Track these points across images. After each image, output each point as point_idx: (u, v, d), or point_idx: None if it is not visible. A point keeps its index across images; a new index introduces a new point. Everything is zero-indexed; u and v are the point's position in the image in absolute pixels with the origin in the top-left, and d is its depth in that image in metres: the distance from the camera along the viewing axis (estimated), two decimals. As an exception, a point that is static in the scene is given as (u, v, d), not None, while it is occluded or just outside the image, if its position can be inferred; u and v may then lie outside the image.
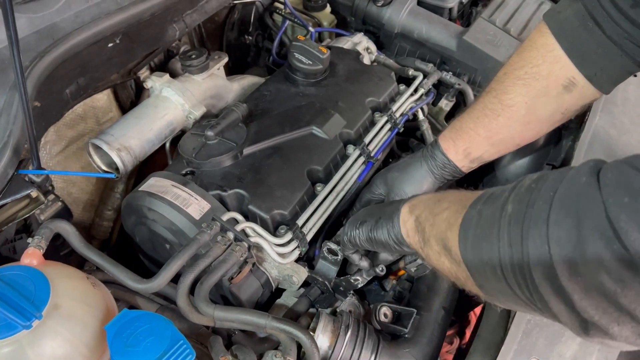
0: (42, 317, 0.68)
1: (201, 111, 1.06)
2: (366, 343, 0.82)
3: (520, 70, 0.88)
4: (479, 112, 0.92)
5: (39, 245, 0.77)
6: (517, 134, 0.93)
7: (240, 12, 1.48)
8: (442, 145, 0.96)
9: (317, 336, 0.82)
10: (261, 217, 0.91)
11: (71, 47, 0.95)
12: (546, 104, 0.88)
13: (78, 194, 1.27)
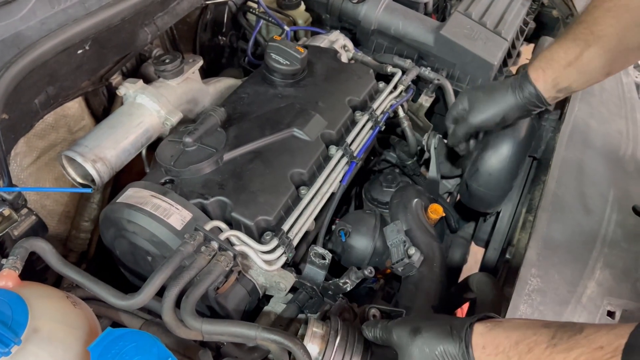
0: (21, 342, 0.65)
1: (178, 117, 1.03)
2: (356, 348, 0.80)
3: (610, 2, 0.89)
4: (570, 42, 0.93)
5: (14, 266, 0.73)
6: (608, 63, 0.93)
7: (213, 12, 1.45)
8: (532, 75, 0.97)
9: (306, 343, 0.80)
10: (245, 224, 0.89)
11: (38, 56, 0.91)
12: (637, 33, 0.89)
13: (52, 206, 1.23)
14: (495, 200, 1.21)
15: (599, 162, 1.10)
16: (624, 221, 1.02)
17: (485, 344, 0.66)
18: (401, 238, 0.96)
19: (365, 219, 1.02)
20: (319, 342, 0.80)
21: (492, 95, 1.03)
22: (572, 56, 0.93)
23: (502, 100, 1.02)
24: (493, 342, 0.65)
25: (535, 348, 0.62)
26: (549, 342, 0.61)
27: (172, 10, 1.26)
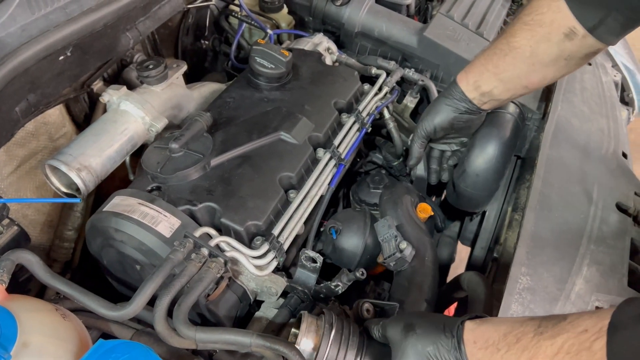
0: (11, 357, 0.64)
1: (163, 123, 1.02)
2: (351, 341, 0.79)
3: (527, 17, 0.95)
4: (490, 50, 1.02)
5: (0, 280, 0.72)
6: (523, 74, 1.00)
7: (195, 16, 1.43)
8: (458, 77, 1.07)
9: (300, 338, 0.79)
10: (235, 229, 0.88)
11: (19, 64, 0.89)
12: (548, 49, 0.94)
13: (34, 216, 1.21)
14: (483, 200, 1.22)
15: (583, 160, 1.12)
16: (609, 218, 1.03)
17: (475, 339, 0.67)
18: (392, 233, 0.96)
19: (356, 217, 1.02)
20: (313, 337, 0.79)
21: (437, 101, 1.11)
22: (490, 64, 1.01)
23: (438, 104, 1.11)
24: (483, 336, 0.67)
25: (522, 338, 0.63)
26: (536, 331, 0.62)
27: (154, 14, 1.25)
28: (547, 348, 0.60)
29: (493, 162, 1.15)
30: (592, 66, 1.35)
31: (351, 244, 1.00)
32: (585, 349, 0.57)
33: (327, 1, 1.36)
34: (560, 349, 0.59)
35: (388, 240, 0.96)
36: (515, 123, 1.17)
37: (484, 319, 0.70)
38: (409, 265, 0.95)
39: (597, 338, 0.56)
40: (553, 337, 0.61)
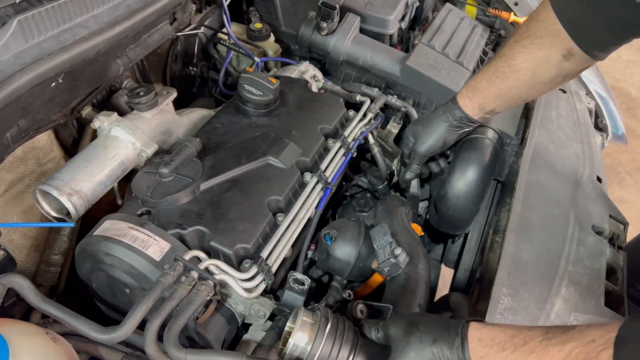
0: (1, 381, 0.64)
1: (153, 148, 1.04)
2: (346, 337, 0.79)
3: (526, 40, 1.01)
4: (491, 73, 1.08)
5: (-9, 303, 0.72)
6: (524, 92, 1.08)
7: (183, 43, 1.47)
8: (460, 102, 1.13)
9: (295, 332, 0.79)
10: (224, 252, 0.90)
11: (12, 91, 0.91)
12: (548, 69, 1.01)
13: (20, 240, 1.21)
14: (464, 222, 1.26)
15: (560, 183, 1.16)
16: (585, 239, 1.07)
17: (481, 337, 0.69)
18: (387, 239, 0.98)
19: (351, 226, 1.04)
20: (308, 331, 0.79)
21: (430, 124, 1.19)
22: (493, 87, 1.08)
23: (438, 126, 1.17)
24: (489, 335, 0.69)
25: (530, 341, 0.66)
26: (544, 337, 0.65)
27: (144, 42, 1.28)
28: (555, 354, 0.63)
29: (473, 185, 1.19)
30: (567, 94, 1.41)
31: (345, 251, 1.02)
32: (592, 358, 0.60)
33: (313, 30, 1.41)
34: (567, 356, 0.62)
35: (383, 246, 0.98)
36: (494, 148, 1.22)
37: (487, 322, 0.73)
38: (402, 272, 0.97)
39: (604, 349, 0.60)
40: (561, 343, 0.63)
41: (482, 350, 0.69)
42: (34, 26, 0.99)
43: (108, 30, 1.06)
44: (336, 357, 0.77)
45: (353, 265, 1.00)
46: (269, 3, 1.51)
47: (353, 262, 1.00)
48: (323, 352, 0.77)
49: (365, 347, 0.80)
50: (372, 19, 1.45)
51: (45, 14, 1.00)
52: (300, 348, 0.78)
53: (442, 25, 1.50)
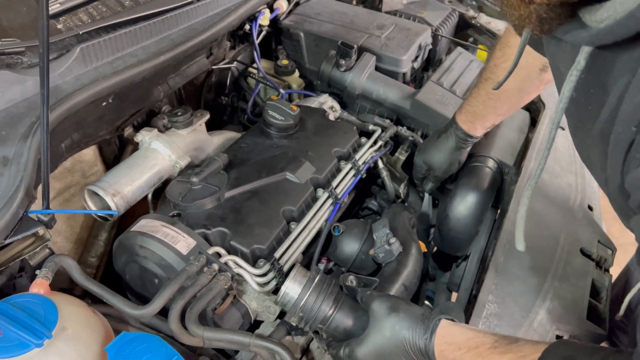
0: (52, 337, 0.77)
1: (186, 161, 1.19)
2: (331, 292, 0.92)
3: (506, 63, 1.14)
4: (483, 97, 1.22)
5: (46, 277, 0.86)
6: (515, 104, 1.25)
7: (217, 76, 1.64)
8: (464, 127, 1.27)
9: (288, 283, 0.92)
10: (242, 251, 1.02)
11: (72, 106, 1.07)
12: (531, 83, 1.17)
13: (63, 243, 1.35)
14: (464, 243, 1.36)
15: (552, 209, 1.26)
16: (573, 260, 1.16)
17: (445, 334, 0.81)
18: (385, 231, 1.11)
19: (358, 224, 1.18)
20: (299, 283, 0.92)
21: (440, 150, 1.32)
22: (489, 108, 1.23)
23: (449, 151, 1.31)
24: (452, 334, 0.81)
25: (481, 346, 0.77)
26: (492, 344, 0.77)
27: (183, 72, 1.45)
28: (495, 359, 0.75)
29: (472, 208, 1.30)
30: (566, 130, 1.52)
31: (349, 244, 1.15)
32: None
33: (333, 67, 1.56)
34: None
35: (381, 236, 1.11)
36: (492, 175, 1.33)
37: (456, 323, 0.85)
38: (395, 259, 1.10)
39: None
40: (502, 353, 0.75)
41: (443, 346, 0.81)
42: (93, 53, 1.16)
43: (153, 59, 1.22)
44: (319, 307, 0.90)
45: (355, 257, 1.13)
46: (295, 43, 1.68)
47: (355, 255, 1.13)
48: (308, 301, 0.90)
49: (348, 306, 0.92)
50: (387, 58, 1.60)
51: (103, 43, 1.18)
52: (289, 296, 0.91)
53: (451, 66, 1.64)
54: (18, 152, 0.95)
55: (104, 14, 1.28)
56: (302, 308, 0.90)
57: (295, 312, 0.91)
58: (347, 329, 0.91)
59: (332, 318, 0.91)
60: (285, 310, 0.94)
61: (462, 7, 2.03)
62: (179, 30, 1.34)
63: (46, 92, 0.77)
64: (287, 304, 0.92)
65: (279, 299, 0.92)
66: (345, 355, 0.88)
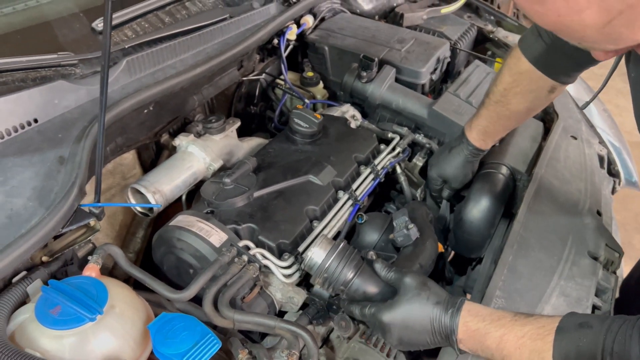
0: (103, 313, 0.88)
1: (219, 164, 1.30)
2: (352, 260, 1.02)
3: (517, 88, 1.25)
4: (495, 118, 1.32)
5: (96, 262, 0.98)
6: (522, 120, 1.39)
7: (247, 87, 1.75)
8: (476, 144, 1.37)
9: (314, 249, 1.03)
10: (269, 245, 1.12)
11: (118, 113, 1.19)
12: (539, 103, 1.30)
13: (103, 240, 1.47)
14: (477, 245, 1.43)
15: (561, 213, 1.33)
16: (580, 261, 1.23)
17: (470, 309, 0.91)
18: (405, 218, 1.21)
19: (380, 215, 1.30)
20: (324, 250, 1.03)
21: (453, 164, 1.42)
22: (499, 127, 1.34)
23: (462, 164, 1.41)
24: (476, 310, 0.92)
25: (502, 319, 0.88)
26: (512, 318, 0.88)
27: (216, 83, 1.57)
28: (517, 330, 0.86)
29: (485, 212, 1.38)
30: (578, 140, 1.59)
31: (371, 232, 1.27)
32: (541, 338, 0.83)
33: (355, 79, 1.66)
34: (525, 334, 0.85)
35: (400, 222, 1.21)
36: (505, 181, 1.41)
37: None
38: (412, 243, 1.20)
39: (549, 333, 0.83)
40: (523, 325, 0.86)
41: (468, 318, 0.90)
42: (137, 65, 1.29)
43: (190, 71, 1.34)
44: (340, 271, 1.01)
45: (376, 244, 1.23)
46: (320, 56, 1.79)
47: (376, 242, 1.23)
48: (331, 265, 1.01)
49: (367, 273, 1.03)
50: (406, 70, 1.69)
51: (146, 56, 1.30)
52: (314, 260, 1.03)
53: (468, 78, 1.72)
54: (73, 153, 1.07)
55: (146, 29, 1.41)
56: (326, 270, 1.02)
57: (320, 274, 1.02)
58: (366, 293, 1.02)
59: (352, 282, 1.02)
60: (311, 273, 1.05)
61: (481, 22, 2.11)
62: (214, 44, 1.46)
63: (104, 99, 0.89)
64: (312, 267, 1.03)
65: (306, 262, 1.03)
66: (370, 314, 0.97)
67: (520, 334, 0.85)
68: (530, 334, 0.84)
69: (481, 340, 0.88)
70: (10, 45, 1.22)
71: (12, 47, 1.22)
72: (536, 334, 0.84)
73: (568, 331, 0.82)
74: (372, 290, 1.02)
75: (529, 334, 0.84)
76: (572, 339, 0.81)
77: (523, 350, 0.84)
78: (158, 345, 0.89)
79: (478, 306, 0.93)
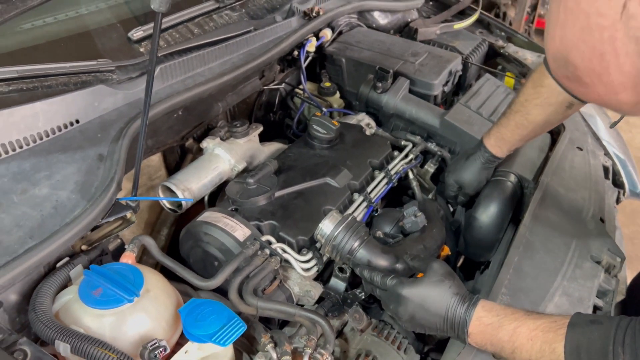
0: (140, 295, 0.96)
1: (242, 166, 1.39)
2: (357, 232, 1.12)
3: (537, 100, 1.32)
4: (513, 126, 1.39)
5: (132, 250, 1.06)
6: (539, 132, 1.43)
7: (267, 95, 1.84)
8: (492, 151, 1.45)
9: (324, 221, 1.14)
10: (289, 240, 1.20)
11: (152, 116, 1.27)
12: (557, 117, 1.35)
13: (130, 236, 1.56)
14: (486, 248, 1.50)
15: (565, 219, 1.39)
16: (582, 264, 1.29)
17: (484, 306, 0.99)
18: (414, 208, 1.29)
19: (394, 210, 1.38)
20: (333, 222, 1.14)
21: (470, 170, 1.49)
22: (517, 136, 1.40)
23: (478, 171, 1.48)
24: (490, 306, 0.99)
25: (516, 313, 0.96)
26: (526, 313, 0.96)
27: (239, 91, 1.66)
28: (530, 323, 0.93)
29: (494, 217, 1.45)
30: (583, 151, 1.66)
31: (384, 223, 1.34)
32: (553, 330, 0.90)
33: (370, 89, 1.75)
34: (538, 327, 0.92)
35: (409, 212, 1.29)
36: (513, 188, 1.48)
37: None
38: (419, 231, 1.28)
39: (561, 327, 0.90)
40: (535, 319, 0.94)
41: (482, 312, 0.98)
42: (169, 73, 1.39)
43: (217, 79, 1.44)
44: (347, 241, 1.12)
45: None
46: (338, 67, 1.88)
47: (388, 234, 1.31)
48: (339, 235, 1.13)
49: (372, 245, 1.13)
50: (419, 82, 1.77)
51: (177, 65, 1.40)
52: (323, 231, 1.13)
53: (479, 90, 1.80)
54: (111, 151, 1.17)
55: (177, 40, 1.51)
56: (334, 239, 1.12)
57: (328, 243, 1.13)
58: (370, 262, 1.12)
59: (357, 250, 1.12)
60: (321, 243, 1.15)
61: (492, 37, 2.20)
62: (239, 54, 1.56)
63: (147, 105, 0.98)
64: (323, 236, 1.14)
65: (317, 232, 1.14)
66: (391, 284, 1.04)
67: (533, 327, 0.92)
68: (542, 327, 0.91)
69: (493, 333, 0.95)
70: (55, 52, 1.32)
71: (56, 54, 1.31)
72: (548, 327, 0.91)
73: (580, 325, 0.89)
74: (376, 261, 1.12)
75: (541, 327, 0.91)
76: (584, 332, 0.88)
77: (535, 341, 0.91)
78: (189, 326, 0.97)
79: (492, 303, 1.00)
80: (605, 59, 0.70)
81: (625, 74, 0.70)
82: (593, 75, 0.73)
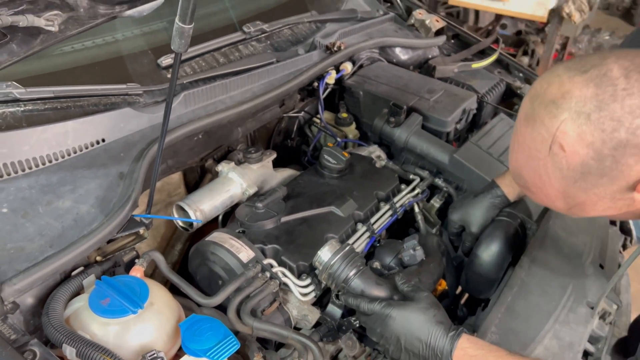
0: (144, 308, 1.04)
1: (254, 190, 1.47)
2: (354, 262, 1.17)
3: None
4: None
5: (142, 265, 1.14)
6: None
7: (287, 122, 1.92)
8: (505, 190, 1.47)
9: (324, 249, 1.20)
10: (290, 265, 1.27)
11: (173, 139, 1.37)
12: None
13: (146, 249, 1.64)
14: (486, 286, 1.53)
15: (564, 263, 1.42)
16: (577, 309, 1.31)
17: (468, 339, 1.05)
18: (414, 242, 1.34)
19: (396, 242, 1.42)
20: (331, 251, 1.20)
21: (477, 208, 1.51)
22: None
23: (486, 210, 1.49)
24: (474, 339, 1.05)
25: (499, 351, 1.02)
26: (508, 354, 1.02)
27: (259, 118, 1.74)
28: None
29: (495, 256, 1.48)
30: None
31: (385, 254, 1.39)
32: None
33: (384, 123, 1.81)
34: None
35: (409, 245, 1.34)
36: (515, 229, 1.51)
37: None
38: (416, 266, 1.33)
39: None
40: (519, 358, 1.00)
41: (466, 344, 1.04)
42: (192, 99, 1.48)
43: (238, 107, 1.52)
44: (342, 270, 1.16)
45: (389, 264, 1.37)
46: (355, 99, 1.95)
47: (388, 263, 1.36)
48: (335, 264, 1.18)
49: (367, 275, 1.18)
50: (432, 119, 1.83)
51: (201, 92, 1.49)
52: (322, 258, 1.19)
53: (491, 130, 1.85)
54: (131, 170, 1.26)
55: (202, 67, 1.61)
56: (331, 267, 1.18)
57: (325, 270, 1.18)
58: (363, 292, 1.17)
59: (352, 280, 1.17)
60: (319, 270, 1.21)
61: (510, 78, 2.24)
62: (260, 84, 1.65)
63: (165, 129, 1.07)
64: (320, 263, 1.19)
65: (315, 259, 1.20)
66: (379, 307, 1.10)
67: None
68: None
69: None
70: (89, 75, 1.43)
71: (90, 76, 1.42)
72: None
73: None
74: (369, 291, 1.17)
75: None
76: None
77: None
78: (186, 340, 1.03)
79: (476, 338, 1.06)
80: (542, 179, 0.99)
81: (556, 189, 0.98)
82: (536, 188, 1.03)
